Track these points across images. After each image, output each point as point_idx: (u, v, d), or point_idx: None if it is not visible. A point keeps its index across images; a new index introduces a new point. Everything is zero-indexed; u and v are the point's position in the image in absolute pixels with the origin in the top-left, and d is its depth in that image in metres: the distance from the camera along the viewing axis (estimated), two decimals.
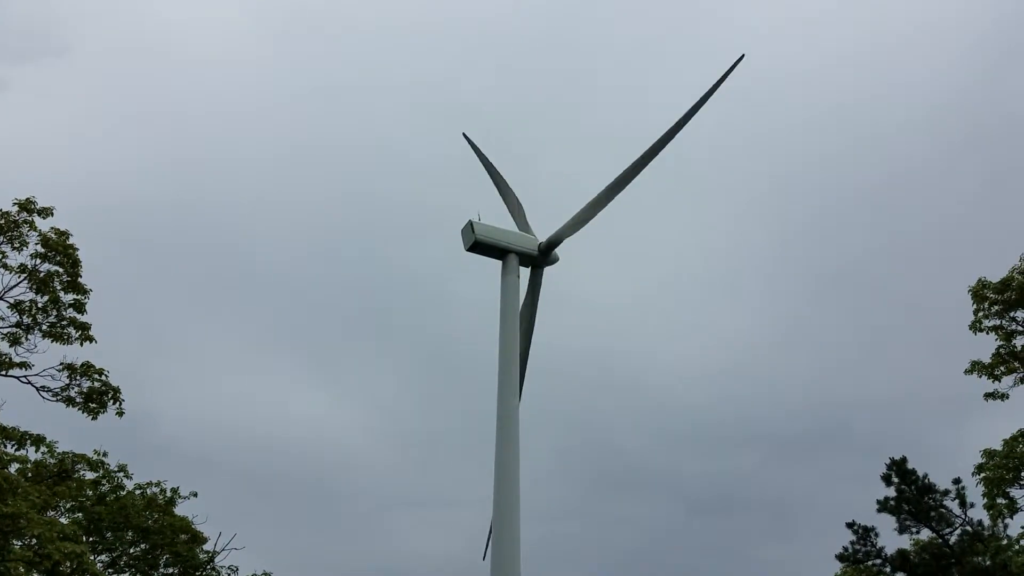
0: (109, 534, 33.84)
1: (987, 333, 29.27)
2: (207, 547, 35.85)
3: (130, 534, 34.03)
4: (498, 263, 26.01)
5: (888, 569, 28.61)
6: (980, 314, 29.38)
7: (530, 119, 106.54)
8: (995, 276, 29.14)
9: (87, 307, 24.84)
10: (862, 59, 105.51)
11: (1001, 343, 29.34)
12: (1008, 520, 29.04)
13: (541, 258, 25.63)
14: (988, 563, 27.55)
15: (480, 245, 25.26)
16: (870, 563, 28.24)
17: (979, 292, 29.31)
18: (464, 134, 28.13)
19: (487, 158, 27.37)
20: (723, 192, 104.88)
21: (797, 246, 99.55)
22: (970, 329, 29.52)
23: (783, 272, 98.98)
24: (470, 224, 25.29)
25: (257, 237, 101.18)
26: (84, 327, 24.97)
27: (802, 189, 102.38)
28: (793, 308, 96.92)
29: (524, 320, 24.87)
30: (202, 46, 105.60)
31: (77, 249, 24.37)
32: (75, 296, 24.92)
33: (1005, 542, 29.68)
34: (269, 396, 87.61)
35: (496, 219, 24.71)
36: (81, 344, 24.94)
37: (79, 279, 24.73)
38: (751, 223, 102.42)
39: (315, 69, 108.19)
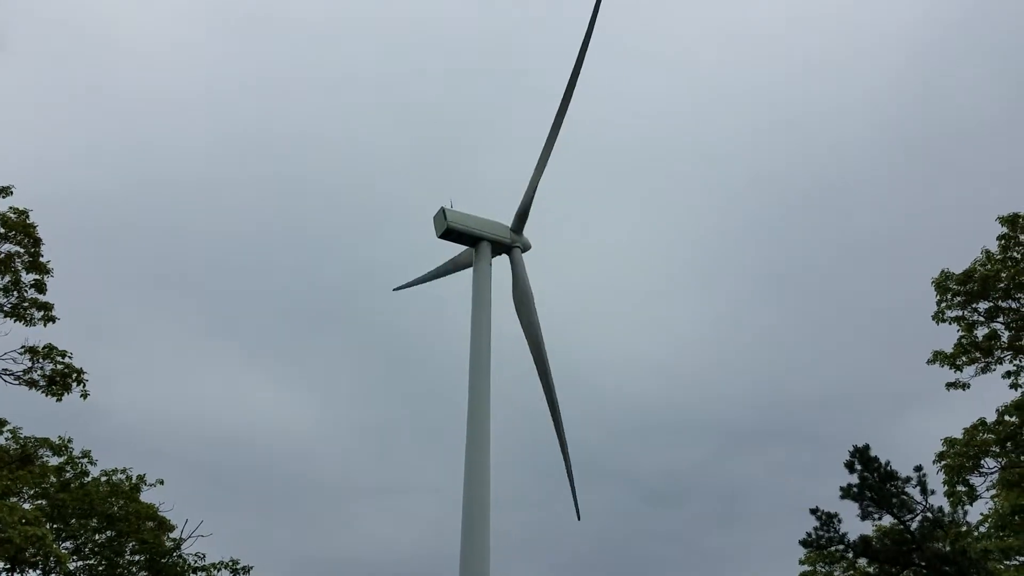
0: (73, 521, 33.41)
1: (949, 323, 29.78)
2: (174, 535, 35.56)
3: (95, 521, 33.62)
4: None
5: (851, 554, 29.05)
6: (943, 305, 29.86)
7: (476, 117, 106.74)
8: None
9: (48, 286, 24.51)
10: (810, 64, 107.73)
11: (963, 333, 29.86)
12: (968, 507, 29.68)
13: (513, 245, 25.54)
14: (948, 549, 28.02)
15: (452, 232, 25.07)
16: (833, 548, 28.61)
17: (942, 283, 29.79)
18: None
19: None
20: (669, 192, 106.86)
21: (740, 246, 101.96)
22: (933, 319, 30.00)
23: (725, 271, 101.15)
24: (442, 211, 25.00)
25: (203, 225, 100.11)
26: (46, 307, 24.65)
27: (747, 191, 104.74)
28: (735, 306, 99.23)
29: (524, 307, 24.46)
30: (143, 33, 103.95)
31: (36, 226, 24.01)
32: (36, 276, 24.59)
33: (965, 528, 30.28)
34: (220, 387, 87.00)
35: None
36: (44, 324, 24.60)
37: (40, 258, 24.40)
38: (697, 223, 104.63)
39: (259, 57, 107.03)
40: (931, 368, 29.97)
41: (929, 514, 28.62)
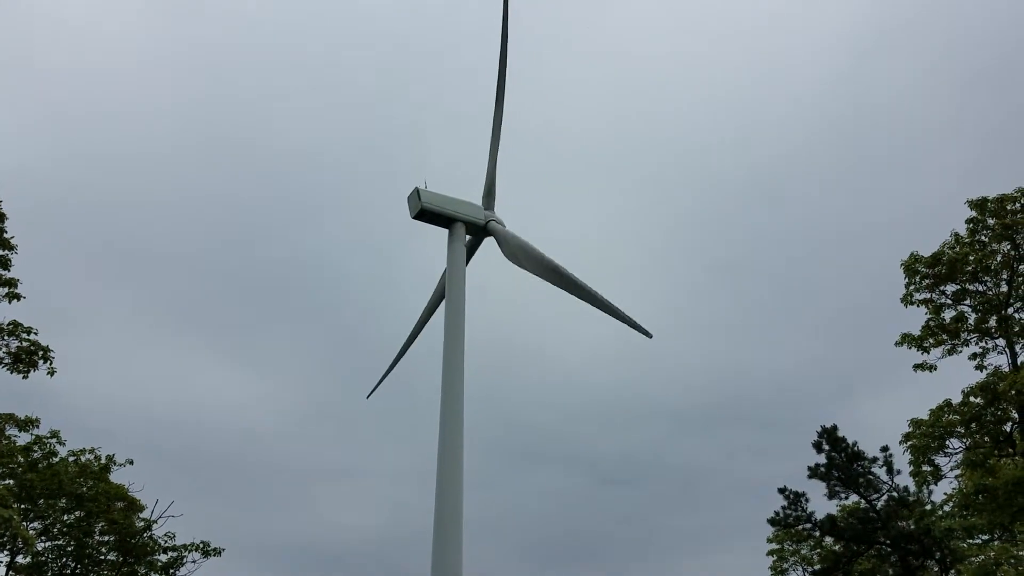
0: (42, 501, 32.99)
1: (917, 306, 30.15)
2: (144, 515, 35.28)
3: (63, 501, 33.23)
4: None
5: (817, 533, 29.55)
6: (911, 287, 30.21)
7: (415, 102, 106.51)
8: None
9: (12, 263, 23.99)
10: (762, 56, 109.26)
11: (930, 316, 30.25)
12: (932, 487, 30.16)
13: (485, 231, 25.44)
14: (912, 527, 28.59)
15: (426, 213, 24.94)
16: (800, 527, 29.08)
17: (911, 266, 30.12)
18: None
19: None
20: (627, 186, 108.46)
21: (684, 236, 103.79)
22: (901, 302, 30.36)
23: (671, 260, 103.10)
24: (416, 191, 24.83)
25: (147, 204, 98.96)
26: (11, 283, 24.17)
27: (701, 184, 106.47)
28: (681, 294, 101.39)
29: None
30: (82, 13, 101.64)
31: (1, 201, 23.49)
32: (0, 251, 24.06)
33: (929, 507, 30.86)
34: (180, 373, 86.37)
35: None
36: (9, 301, 24.15)
37: (4, 234, 23.87)
38: (653, 215, 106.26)
39: (201, 34, 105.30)
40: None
41: (895, 493, 29.18)
